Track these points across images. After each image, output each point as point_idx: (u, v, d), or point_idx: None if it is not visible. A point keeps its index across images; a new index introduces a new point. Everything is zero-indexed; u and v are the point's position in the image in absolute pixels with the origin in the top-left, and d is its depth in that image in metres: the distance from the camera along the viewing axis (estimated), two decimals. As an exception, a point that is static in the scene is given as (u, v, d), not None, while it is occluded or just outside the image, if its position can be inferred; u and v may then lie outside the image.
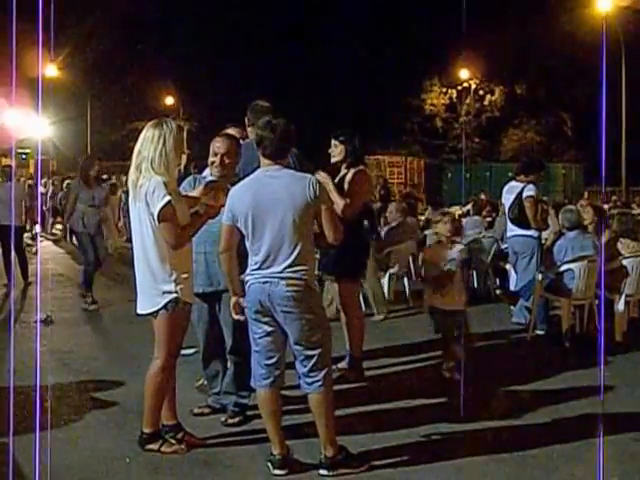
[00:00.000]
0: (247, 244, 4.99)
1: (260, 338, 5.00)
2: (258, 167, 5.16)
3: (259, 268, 4.91)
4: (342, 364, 7.31)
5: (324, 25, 44.51)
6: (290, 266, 4.85)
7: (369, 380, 7.21)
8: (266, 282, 4.87)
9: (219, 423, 5.91)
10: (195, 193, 5.58)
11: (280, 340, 5.01)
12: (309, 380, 4.98)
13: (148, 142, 5.19)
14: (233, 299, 5.16)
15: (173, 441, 5.37)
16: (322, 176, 6.59)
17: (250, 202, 4.91)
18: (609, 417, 5.89)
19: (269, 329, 4.97)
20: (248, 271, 5.00)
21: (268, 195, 4.90)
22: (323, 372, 4.97)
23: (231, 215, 5.00)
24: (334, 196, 6.78)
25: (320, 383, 4.96)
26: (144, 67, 44.63)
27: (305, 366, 4.97)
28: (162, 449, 5.30)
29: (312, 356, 4.94)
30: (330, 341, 5.09)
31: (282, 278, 4.84)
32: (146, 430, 5.33)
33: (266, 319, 4.94)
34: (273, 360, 5.01)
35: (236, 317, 5.18)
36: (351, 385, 6.94)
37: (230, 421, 5.91)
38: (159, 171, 5.11)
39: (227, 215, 5.05)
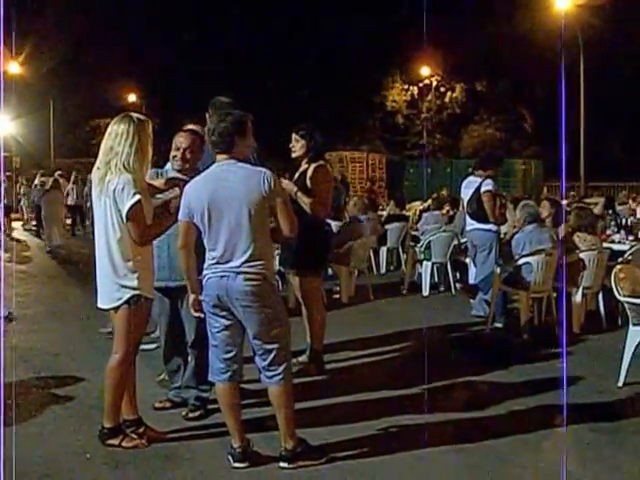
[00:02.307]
0: (204, 239, 4.98)
1: (218, 332, 5.01)
2: None
3: (217, 263, 4.91)
4: (303, 357, 7.33)
5: (286, 20, 44.43)
6: (248, 261, 4.84)
7: (330, 373, 7.26)
8: (224, 276, 4.87)
9: (180, 417, 5.92)
10: (156, 184, 5.58)
11: (238, 334, 5.02)
12: (269, 374, 4.99)
13: (121, 138, 5.12)
14: (192, 296, 5.15)
15: (134, 436, 5.37)
16: (285, 183, 6.63)
17: (206, 197, 4.88)
18: (566, 407, 5.97)
19: (227, 323, 4.97)
20: (205, 266, 4.99)
21: (224, 190, 4.87)
22: (283, 365, 4.98)
23: (187, 211, 4.97)
24: (301, 198, 6.83)
25: (280, 376, 4.97)
26: (106, 64, 44.20)
27: (265, 360, 4.98)
28: (123, 444, 5.30)
29: (271, 350, 4.95)
30: (289, 334, 5.10)
31: (240, 272, 4.84)
32: (107, 425, 5.32)
33: (224, 313, 4.95)
34: (231, 354, 5.02)
35: (195, 314, 5.19)
36: (312, 378, 6.99)
37: (191, 415, 5.93)
38: (132, 167, 5.09)
39: (183, 211, 5.01)
